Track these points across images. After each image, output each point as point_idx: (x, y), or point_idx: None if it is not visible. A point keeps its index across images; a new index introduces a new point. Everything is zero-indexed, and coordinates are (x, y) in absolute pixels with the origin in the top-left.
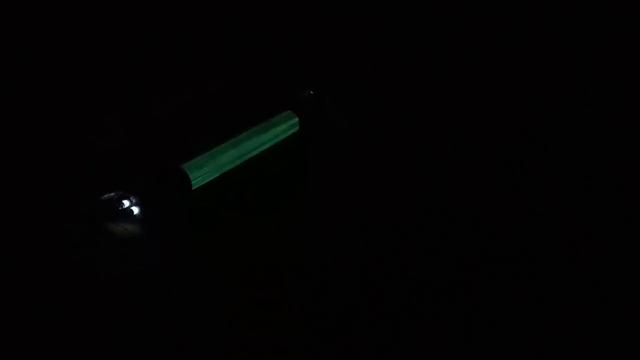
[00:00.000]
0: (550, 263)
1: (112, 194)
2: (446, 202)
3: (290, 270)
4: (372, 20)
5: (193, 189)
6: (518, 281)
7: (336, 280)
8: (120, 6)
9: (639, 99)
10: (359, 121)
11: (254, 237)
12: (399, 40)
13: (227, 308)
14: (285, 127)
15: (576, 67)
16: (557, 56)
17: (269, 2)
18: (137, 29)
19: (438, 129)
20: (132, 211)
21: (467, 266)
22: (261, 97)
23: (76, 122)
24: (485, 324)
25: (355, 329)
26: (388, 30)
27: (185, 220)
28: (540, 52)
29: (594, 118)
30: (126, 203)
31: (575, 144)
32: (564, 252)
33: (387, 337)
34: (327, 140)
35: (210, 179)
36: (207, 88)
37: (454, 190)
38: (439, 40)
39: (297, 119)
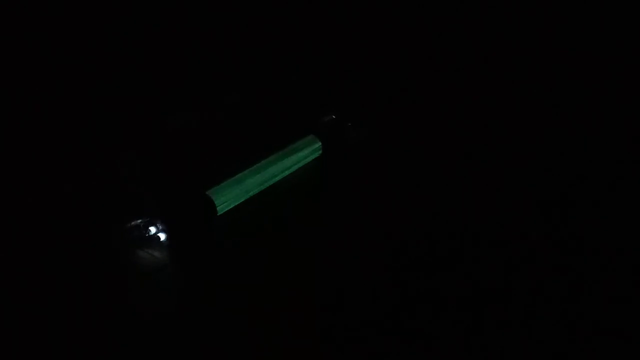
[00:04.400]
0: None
1: (139, 220)
2: (467, 225)
3: (310, 299)
4: (393, 44)
5: (218, 214)
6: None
7: (355, 307)
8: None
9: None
10: (380, 143)
11: (277, 262)
12: (418, 64)
13: (244, 332)
14: (308, 151)
15: (581, 69)
16: (577, 64)
17: (290, 31)
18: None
19: (458, 151)
20: (158, 237)
21: (487, 274)
22: (284, 122)
23: (98, 147)
24: (516, 334)
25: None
26: (408, 53)
27: (210, 246)
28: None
29: (596, 119)
30: (153, 229)
31: (585, 146)
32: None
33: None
34: (349, 163)
35: (235, 204)
36: (230, 113)
37: (474, 210)
38: (456, 59)
39: (319, 144)
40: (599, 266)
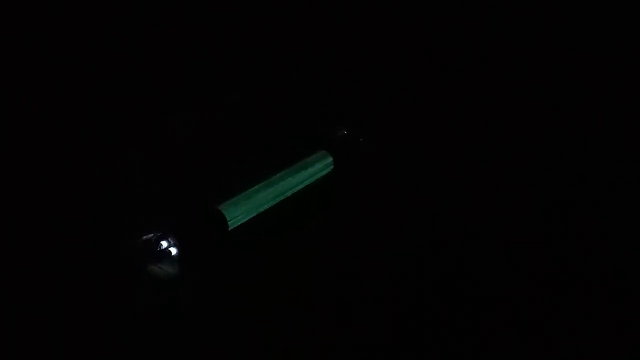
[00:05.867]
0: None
1: (151, 235)
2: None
3: (320, 316)
4: (392, 45)
5: (229, 229)
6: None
7: (355, 308)
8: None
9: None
10: (393, 160)
11: (287, 277)
12: (418, 64)
13: (244, 332)
14: (319, 167)
15: (582, 69)
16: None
17: (299, 44)
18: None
19: (458, 151)
20: (170, 252)
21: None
22: (295, 137)
23: (108, 158)
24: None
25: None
26: (407, 54)
27: (222, 261)
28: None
29: (596, 119)
30: (164, 244)
31: (585, 146)
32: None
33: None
34: (361, 179)
35: (247, 219)
36: (236, 117)
37: (487, 226)
38: (456, 59)
39: (331, 159)
40: (599, 266)
